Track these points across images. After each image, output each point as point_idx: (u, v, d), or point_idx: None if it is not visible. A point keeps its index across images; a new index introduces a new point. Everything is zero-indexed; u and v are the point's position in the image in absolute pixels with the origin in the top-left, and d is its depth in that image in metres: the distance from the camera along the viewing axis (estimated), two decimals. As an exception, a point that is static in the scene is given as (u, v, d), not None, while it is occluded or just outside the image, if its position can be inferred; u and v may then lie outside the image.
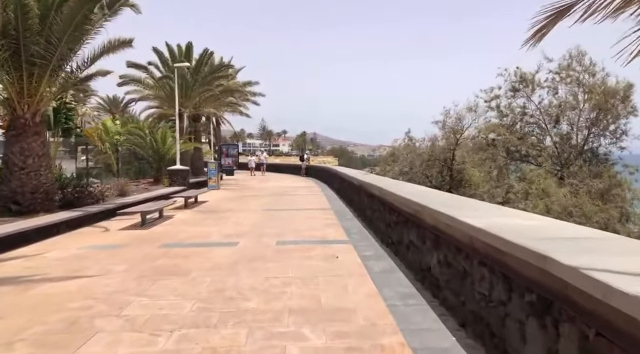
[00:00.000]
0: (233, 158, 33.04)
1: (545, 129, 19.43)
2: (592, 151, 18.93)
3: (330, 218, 10.16)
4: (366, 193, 9.28)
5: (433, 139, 18.22)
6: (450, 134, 17.24)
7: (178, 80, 20.61)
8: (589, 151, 18.91)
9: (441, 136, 17.95)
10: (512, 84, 20.08)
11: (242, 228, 8.80)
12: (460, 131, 17.13)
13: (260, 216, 10.57)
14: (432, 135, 18.29)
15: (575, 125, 18.64)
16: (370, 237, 7.71)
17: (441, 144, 17.89)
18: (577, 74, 18.38)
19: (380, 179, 9.99)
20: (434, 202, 4.70)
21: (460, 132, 17.13)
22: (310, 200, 14.41)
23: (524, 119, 19.83)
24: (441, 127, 17.90)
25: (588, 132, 18.67)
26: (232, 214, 11.08)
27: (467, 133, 17.40)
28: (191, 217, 10.62)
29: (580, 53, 18.45)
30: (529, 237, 2.73)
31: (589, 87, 17.02)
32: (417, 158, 17.72)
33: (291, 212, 11.34)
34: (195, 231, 8.58)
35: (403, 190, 6.50)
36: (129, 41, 11.36)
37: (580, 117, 18.26)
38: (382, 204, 7.37)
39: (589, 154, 18.82)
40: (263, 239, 7.63)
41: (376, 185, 7.82)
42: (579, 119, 18.31)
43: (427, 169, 17.34)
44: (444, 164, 17.10)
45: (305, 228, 8.75)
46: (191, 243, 7.33)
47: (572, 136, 18.97)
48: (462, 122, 17.27)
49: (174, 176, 17.13)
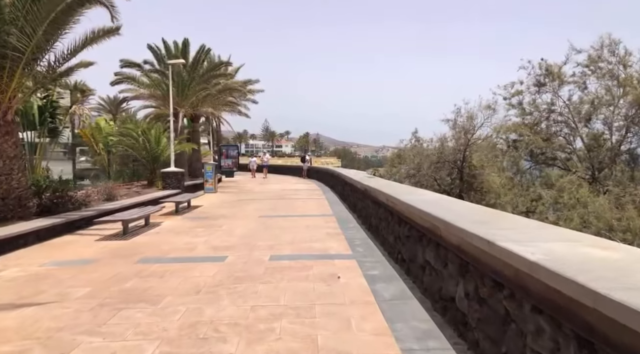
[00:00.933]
0: (233, 159, 32.25)
1: (575, 128, 17.34)
2: (631, 153, 16.75)
3: (332, 226, 9.25)
4: (372, 199, 8.37)
5: (442, 139, 17.19)
6: (461, 133, 16.20)
7: (173, 78, 19.81)
8: (626, 153, 16.80)
9: (451, 135, 16.95)
10: (537, 77, 17.89)
11: (234, 239, 7.91)
12: (471, 130, 16.11)
13: (256, 224, 9.68)
14: (441, 135, 17.31)
15: (611, 124, 16.46)
16: (377, 251, 6.80)
17: (450, 145, 16.88)
18: (610, 66, 16.37)
19: (387, 183, 9.08)
20: (460, 218, 3.79)
21: (472, 132, 16.11)
22: (311, 205, 13.52)
23: (550, 118, 17.63)
24: (452, 127, 16.89)
25: (625, 132, 16.44)
26: (226, 221, 10.19)
27: (479, 133, 16.38)
28: (180, 225, 9.74)
29: (612, 42, 16.56)
30: (626, 285, 1.82)
31: (624, 80, 15.45)
32: (425, 160, 16.65)
33: (290, 219, 10.45)
34: (181, 242, 7.69)
35: (417, 198, 5.59)
36: (116, 29, 10.47)
37: (616, 114, 16.14)
38: (391, 214, 6.46)
39: (626, 156, 16.75)
40: (255, 252, 6.74)
41: (383, 191, 6.90)
42: (615, 117, 16.19)
43: (436, 172, 16.33)
44: (453, 166, 16.09)
45: (304, 239, 7.84)
46: (173, 258, 6.44)
47: (606, 136, 16.82)
48: (473, 121, 16.24)
49: (167, 179, 16.27)
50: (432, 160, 16.67)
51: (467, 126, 16.31)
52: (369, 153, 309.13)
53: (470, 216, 3.99)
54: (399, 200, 5.73)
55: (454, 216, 3.88)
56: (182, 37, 20.69)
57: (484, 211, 4.51)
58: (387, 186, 8.21)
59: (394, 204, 6.18)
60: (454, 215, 3.99)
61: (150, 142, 16.74)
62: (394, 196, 6.09)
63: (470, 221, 3.58)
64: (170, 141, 16.48)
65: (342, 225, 9.41)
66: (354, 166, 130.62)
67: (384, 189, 7.04)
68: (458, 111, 16.98)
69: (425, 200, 5.42)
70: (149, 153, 16.97)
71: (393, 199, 6.15)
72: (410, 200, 5.38)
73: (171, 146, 16.39)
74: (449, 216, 3.93)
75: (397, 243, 6.02)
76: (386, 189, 7.29)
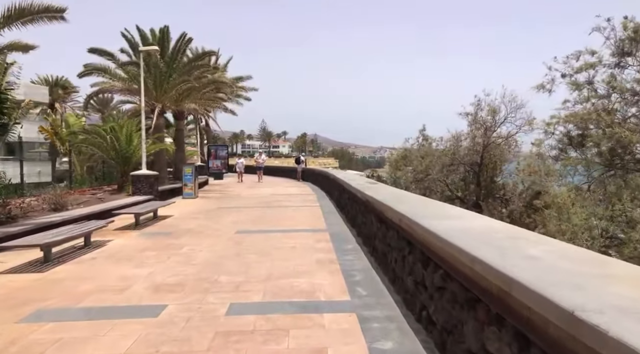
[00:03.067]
0: (223, 160, 30.13)
1: None
2: None
3: (324, 248, 7.17)
4: (377, 215, 6.30)
5: (456, 137, 14.88)
6: (481, 130, 13.91)
7: (149, 69, 17.71)
8: None
9: (466, 133, 14.65)
10: (618, 44, 12.73)
11: (190, 270, 5.81)
12: (492, 127, 13.91)
13: (227, 244, 7.58)
14: (453, 132, 14.98)
15: None
16: (387, 296, 4.72)
17: (465, 144, 14.68)
18: None
19: (398, 194, 6.94)
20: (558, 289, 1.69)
21: (493, 129, 13.89)
22: (302, 215, 11.42)
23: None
24: (471, 122, 14.55)
25: None
26: (191, 239, 8.09)
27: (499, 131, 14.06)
28: (131, 245, 7.63)
29: None
30: None
31: None
32: (436, 162, 14.44)
33: (273, 236, 8.36)
34: (115, 275, 5.58)
35: (453, 225, 3.51)
36: (58, 10, 8.44)
37: None
38: (408, 243, 4.39)
39: None
40: (210, 297, 4.65)
41: (396, 210, 4.81)
42: None
43: (448, 175, 14.18)
44: (469, 169, 13.92)
45: (285, 271, 5.76)
46: (84, 310, 4.34)
47: None
48: (495, 116, 13.95)
49: (138, 183, 14.15)
50: (443, 162, 14.33)
51: (489, 121, 14.00)
52: (367, 154, 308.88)
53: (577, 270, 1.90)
54: (423, 227, 3.66)
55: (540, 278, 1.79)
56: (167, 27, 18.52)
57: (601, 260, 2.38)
58: (398, 198, 6.11)
59: (412, 231, 4.11)
60: (550, 275, 1.92)
61: (119, 140, 14.61)
62: (414, 220, 4.01)
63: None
64: (142, 140, 14.35)
65: (338, 246, 7.33)
66: (351, 166, 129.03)
67: (396, 207, 4.94)
68: (478, 103, 14.59)
69: (469, 229, 3.35)
70: (119, 153, 14.84)
71: (412, 223, 4.08)
72: (444, 230, 3.31)
73: (142, 145, 14.27)
74: (546, 279, 1.86)
75: (419, 292, 3.95)
76: (398, 204, 5.21)
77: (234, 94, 32.21)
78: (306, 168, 28.43)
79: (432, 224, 3.60)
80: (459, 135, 14.76)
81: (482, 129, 13.88)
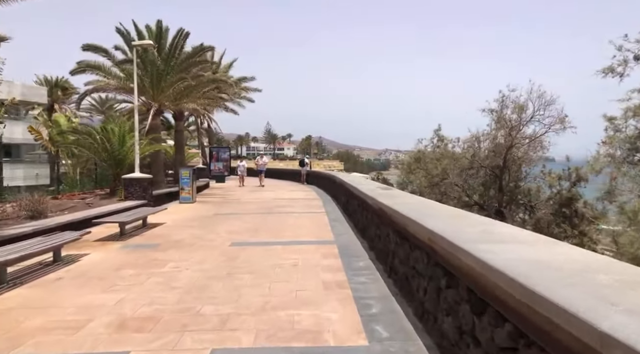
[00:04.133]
0: (225, 163, 29.18)
1: None
2: None
3: (332, 265, 6.11)
4: (395, 228, 5.23)
5: (475, 137, 13.58)
6: (506, 130, 12.60)
7: (146, 67, 16.78)
8: None
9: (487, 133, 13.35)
10: None
11: (168, 298, 4.77)
12: (517, 126, 12.63)
13: (219, 261, 6.54)
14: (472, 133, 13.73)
15: None
16: (415, 338, 3.65)
17: (484, 145, 13.44)
18: None
19: (425, 203, 5.81)
20: None
21: (518, 128, 12.62)
22: (306, 223, 10.37)
23: None
24: (495, 120, 13.21)
25: None
26: (178, 253, 7.06)
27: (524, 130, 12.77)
28: (109, 259, 6.61)
29: None
30: None
31: None
32: (454, 165, 13.23)
33: (272, 249, 7.31)
34: (74, 305, 4.55)
35: (524, 255, 2.44)
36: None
37: None
38: (447, 274, 3.32)
39: None
40: (185, 342, 3.60)
41: (426, 227, 3.74)
42: None
43: (467, 179, 12.96)
44: (490, 173, 12.67)
45: (285, 298, 4.71)
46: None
47: None
48: (522, 114, 12.63)
49: (130, 187, 13.16)
50: (462, 165, 13.12)
51: (514, 119, 12.72)
52: (372, 156, 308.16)
53: None
54: (476, 259, 2.59)
55: None
56: (171, 25, 17.61)
57: None
58: (424, 209, 5.02)
59: (452, 258, 3.05)
60: None
61: (110, 141, 13.63)
62: (456, 244, 2.94)
63: None
64: (135, 141, 13.36)
65: (348, 263, 6.26)
66: (356, 169, 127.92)
67: (424, 222, 3.87)
68: (503, 99, 13.29)
69: (547, 264, 2.27)
70: (111, 155, 13.87)
71: (451, 247, 3.01)
72: (511, 265, 2.24)
73: (136, 146, 13.28)
74: None
75: (466, 345, 2.87)
76: (426, 218, 4.14)
77: (237, 95, 31.31)
78: (311, 171, 27.38)
79: (485, 255, 2.54)
80: (478, 135, 13.56)
81: (506, 129, 12.66)
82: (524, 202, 12.28)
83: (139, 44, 14.02)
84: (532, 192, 12.34)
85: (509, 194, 12.27)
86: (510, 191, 12.34)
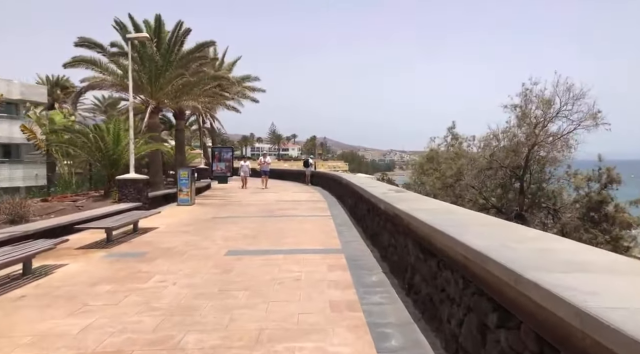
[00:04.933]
0: (227, 163, 28.39)
1: None
2: None
3: (340, 280, 5.30)
4: (415, 240, 4.43)
5: (493, 135, 12.52)
6: (529, 127, 11.55)
7: (144, 63, 16.07)
8: None
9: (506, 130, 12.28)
10: None
11: (145, 322, 3.98)
12: (542, 123, 11.59)
13: (210, 274, 5.75)
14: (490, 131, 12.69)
15: None
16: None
17: (502, 145, 12.40)
18: None
19: (450, 209, 4.94)
20: None
21: (543, 125, 11.55)
22: (311, 228, 9.56)
23: None
24: (519, 116, 12.13)
25: None
26: (167, 263, 6.28)
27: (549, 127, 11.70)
28: (87, 272, 5.84)
29: None
30: None
31: None
32: (472, 166, 12.19)
33: (272, 260, 6.52)
34: (28, 333, 3.76)
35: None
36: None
37: None
38: (498, 308, 2.50)
39: None
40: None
41: (465, 243, 2.91)
42: None
43: (485, 181, 11.97)
44: (511, 173, 11.66)
45: (286, 324, 3.91)
46: None
47: None
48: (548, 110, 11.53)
49: (124, 189, 12.41)
50: (480, 165, 12.12)
51: (539, 115, 11.69)
52: (377, 157, 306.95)
53: None
54: (572, 306, 1.78)
55: None
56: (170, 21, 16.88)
57: None
58: (449, 217, 4.20)
59: (518, 294, 2.23)
60: None
61: (104, 140, 12.90)
62: (524, 277, 2.12)
63: None
64: (130, 139, 12.62)
65: (358, 277, 5.46)
66: (361, 169, 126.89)
67: (458, 236, 3.04)
68: (526, 93, 12.22)
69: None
70: (104, 155, 13.14)
71: (515, 279, 2.20)
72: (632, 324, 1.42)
73: (130, 145, 12.54)
74: None
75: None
76: (457, 230, 3.32)
77: (240, 93, 30.57)
78: (315, 171, 26.56)
79: (568, 294, 1.73)
80: (496, 133, 12.51)
81: (531, 126, 11.60)
82: (546, 206, 11.32)
83: (134, 37, 13.29)
84: (556, 194, 11.37)
85: (531, 196, 11.32)
86: (532, 193, 11.38)
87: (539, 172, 11.72)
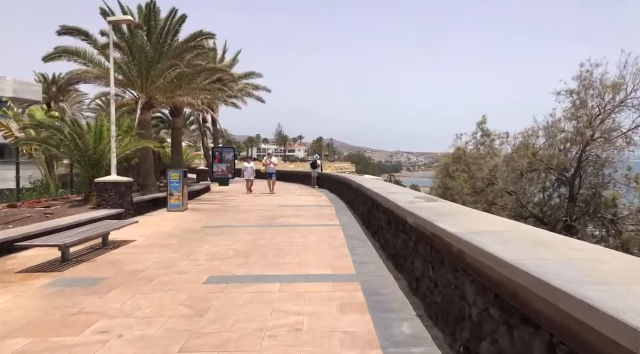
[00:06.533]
0: (229, 164, 26.90)
1: None
2: None
3: (358, 331, 3.67)
4: (476, 276, 2.79)
5: (532, 131, 10.56)
6: (583, 118, 9.53)
7: (131, 52, 14.58)
8: None
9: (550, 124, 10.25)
10: None
11: None
12: (602, 115, 9.51)
13: (178, 316, 4.14)
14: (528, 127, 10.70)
15: None
16: None
17: (541, 142, 10.50)
18: None
19: (512, 225, 3.36)
20: None
21: (603, 116, 9.47)
22: (316, 243, 7.93)
23: None
24: (577, 105, 10.00)
25: None
26: (123, 297, 4.69)
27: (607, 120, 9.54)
28: (8, 312, 4.27)
29: None
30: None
31: None
32: (509, 168, 10.22)
33: (265, 292, 4.92)
34: None
35: None
36: None
37: None
38: None
39: None
40: None
41: (589, 306, 1.27)
42: None
43: (524, 186, 10.11)
44: (558, 176, 9.79)
45: None
46: None
47: None
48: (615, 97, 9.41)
49: (104, 193, 10.89)
50: (520, 166, 10.16)
51: (598, 105, 9.69)
52: (384, 158, 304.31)
53: None
54: None
55: None
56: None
57: None
58: (538, 245, 2.58)
59: None
60: None
61: (83, 138, 11.38)
62: None
63: None
64: (112, 137, 11.08)
65: (384, 326, 3.82)
66: (368, 171, 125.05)
67: (575, 293, 1.41)
68: (585, 77, 10.30)
69: None
70: (84, 155, 11.63)
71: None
72: None
73: (112, 143, 11.00)
74: None
75: None
76: (561, 276, 1.68)
77: (245, 92, 29.12)
78: (322, 173, 24.93)
79: None
80: (538, 129, 10.54)
81: (590, 118, 9.58)
82: (602, 216, 9.45)
83: (117, 20, 11.70)
84: (617, 202, 9.52)
85: (583, 204, 9.43)
86: (585, 200, 9.46)
87: (594, 176, 9.81)
